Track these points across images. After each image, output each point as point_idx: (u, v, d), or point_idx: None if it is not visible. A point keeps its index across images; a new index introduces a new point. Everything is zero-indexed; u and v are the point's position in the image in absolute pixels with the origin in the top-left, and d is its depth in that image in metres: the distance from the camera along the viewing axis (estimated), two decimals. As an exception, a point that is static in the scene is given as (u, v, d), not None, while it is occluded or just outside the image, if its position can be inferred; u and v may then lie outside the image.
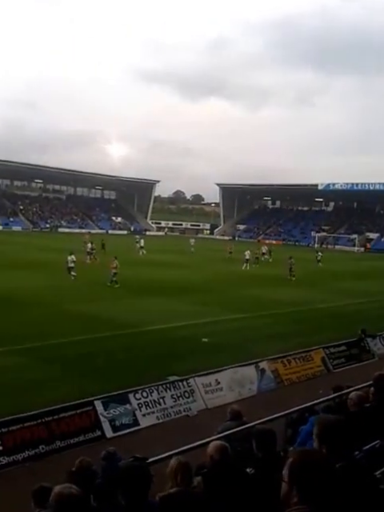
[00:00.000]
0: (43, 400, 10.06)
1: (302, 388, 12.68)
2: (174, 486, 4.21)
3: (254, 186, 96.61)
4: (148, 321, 18.69)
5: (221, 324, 19.16)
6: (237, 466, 4.96)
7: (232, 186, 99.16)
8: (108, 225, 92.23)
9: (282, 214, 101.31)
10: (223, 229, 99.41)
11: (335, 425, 3.17)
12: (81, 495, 3.38)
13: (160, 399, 10.70)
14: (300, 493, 2.32)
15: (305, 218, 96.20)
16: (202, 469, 5.12)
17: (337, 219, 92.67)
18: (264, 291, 27.49)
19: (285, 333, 18.04)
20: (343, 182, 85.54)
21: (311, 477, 2.34)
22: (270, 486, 3.38)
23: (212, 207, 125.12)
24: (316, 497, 2.30)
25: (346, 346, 15.64)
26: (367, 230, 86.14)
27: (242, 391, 12.25)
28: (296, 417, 8.35)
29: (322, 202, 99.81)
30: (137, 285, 27.07)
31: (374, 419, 5.75)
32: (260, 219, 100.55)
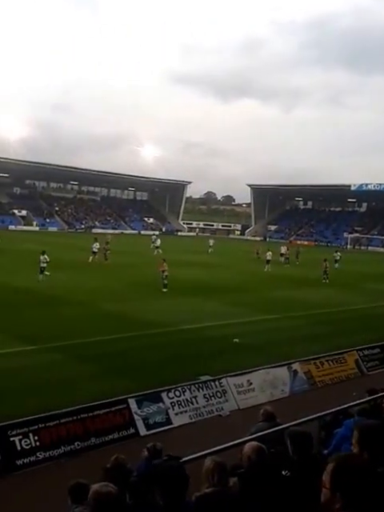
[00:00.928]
0: (79, 397, 10.26)
1: (335, 390, 12.56)
2: (210, 486, 4.22)
3: (286, 186, 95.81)
4: (179, 320, 18.77)
5: (251, 325, 19.12)
6: (272, 468, 4.99)
7: (263, 187, 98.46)
8: (140, 225, 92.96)
9: (313, 214, 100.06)
10: (254, 229, 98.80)
11: (376, 430, 3.13)
12: (118, 493, 3.44)
13: (192, 398, 10.76)
14: (344, 499, 2.31)
15: (337, 219, 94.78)
16: (237, 469, 5.14)
17: (370, 220, 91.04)
18: (294, 292, 27.29)
19: (317, 334, 17.89)
20: (376, 183, 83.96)
21: (355, 482, 2.32)
22: (306, 490, 3.38)
23: (243, 208, 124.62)
24: (360, 503, 2.29)
25: (380, 348, 15.40)
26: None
27: (275, 392, 12.21)
28: (330, 419, 8.26)
29: (355, 203, 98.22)
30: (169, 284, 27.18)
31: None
32: (291, 220, 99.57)
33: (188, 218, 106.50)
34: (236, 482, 4.54)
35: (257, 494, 4.25)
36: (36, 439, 8.57)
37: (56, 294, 22.56)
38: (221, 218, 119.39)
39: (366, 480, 2.34)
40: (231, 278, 31.78)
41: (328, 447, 6.60)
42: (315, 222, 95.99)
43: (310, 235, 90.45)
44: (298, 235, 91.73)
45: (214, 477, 4.27)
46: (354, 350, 14.76)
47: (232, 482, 4.49)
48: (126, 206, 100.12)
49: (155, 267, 27.44)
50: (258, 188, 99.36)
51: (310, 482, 3.22)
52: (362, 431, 3.25)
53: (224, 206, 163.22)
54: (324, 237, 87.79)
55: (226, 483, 4.28)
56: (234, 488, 4.38)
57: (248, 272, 36.36)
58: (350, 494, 2.30)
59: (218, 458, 4.67)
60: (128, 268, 33.68)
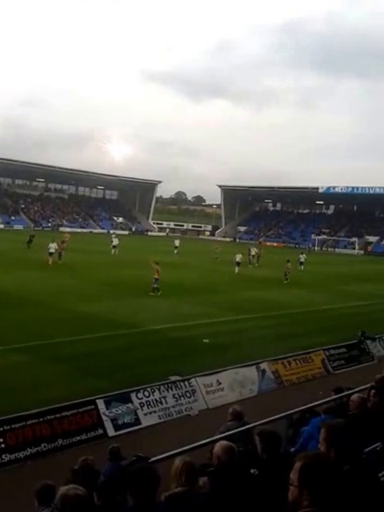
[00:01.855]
0: (46, 398, 10.13)
1: (302, 389, 12.77)
2: (179, 486, 4.23)
3: (256, 188, 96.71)
4: (148, 321, 18.73)
5: (221, 325, 19.21)
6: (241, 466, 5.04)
7: (233, 188, 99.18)
8: (109, 225, 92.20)
9: (282, 216, 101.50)
10: (224, 230, 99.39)
11: (342, 428, 3.20)
12: (86, 496, 3.41)
13: (162, 399, 10.76)
14: (311, 496, 2.36)
15: (305, 221, 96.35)
16: (206, 468, 5.16)
17: (337, 222, 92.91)
18: (263, 293, 27.57)
19: (285, 334, 18.10)
20: (343, 186, 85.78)
21: (322, 480, 2.37)
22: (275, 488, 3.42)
23: (213, 208, 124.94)
24: (327, 499, 2.34)
25: (345, 348, 15.73)
26: (367, 233, 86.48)
27: (243, 392, 12.31)
28: (297, 418, 8.39)
29: (323, 205, 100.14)
30: (136, 285, 27.10)
31: (374, 421, 5.79)
32: (261, 221, 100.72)
33: (158, 218, 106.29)
34: (205, 482, 4.58)
35: (226, 493, 4.27)
36: (1, 441, 8.43)
37: (21, 295, 22.17)
38: (191, 218, 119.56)
39: (332, 477, 2.39)
40: (200, 279, 31.89)
41: (295, 445, 6.70)
42: (284, 224, 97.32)
43: (279, 237, 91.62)
44: (268, 236, 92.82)
45: (182, 476, 4.27)
46: (321, 350, 15.02)
47: (201, 481, 4.52)
48: (94, 205, 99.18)
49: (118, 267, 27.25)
50: (228, 189, 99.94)
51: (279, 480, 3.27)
52: (329, 429, 3.31)
53: (194, 207, 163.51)
54: (292, 238, 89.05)
55: (195, 483, 4.28)
56: (203, 487, 4.41)
57: (217, 272, 36.53)
58: (318, 491, 2.35)
59: (187, 457, 4.68)
60: (91, 268, 33.46)
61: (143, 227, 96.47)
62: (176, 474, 4.33)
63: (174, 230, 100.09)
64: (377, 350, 16.56)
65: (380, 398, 6.86)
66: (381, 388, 7.38)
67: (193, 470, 4.36)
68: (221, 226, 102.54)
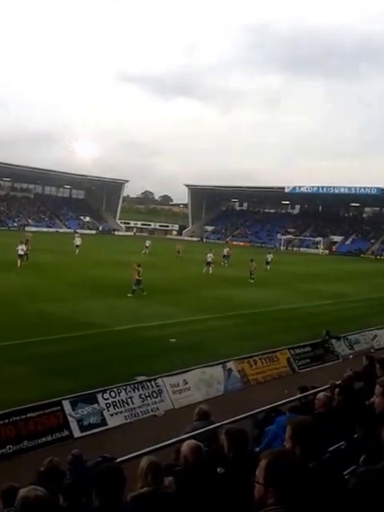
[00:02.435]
0: (10, 400, 9.94)
1: (267, 388, 12.90)
2: (144, 486, 4.23)
3: (222, 187, 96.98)
4: (115, 321, 18.63)
5: (188, 325, 19.24)
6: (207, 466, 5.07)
7: (200, 188, 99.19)
8: (76, 224, 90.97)
9: (249, 216, 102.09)
10: (191, 230, 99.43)
11: (308, 425, 3.24)
12: (47, 497, 3.37)
13: (128, 399, 10.74)
14: (277, 493, 2.38)
15: (271, 221, 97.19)
16: (172, 468, 5.18)
17: (302, 222, 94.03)
18: (230, 292, 27.72)
19: (251, 333, 18.27)
20: (309, 186, 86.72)
21: (287, 477, 2.40)
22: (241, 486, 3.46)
23: (180, 208, 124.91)
24: (292, 497, 2.37)
25: (310, 346, 15.96)
26: (331, 232, 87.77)
27: (210, 391, 12.38)
28: (262, 417, 8.49)
29: (289, 205, 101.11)
30: (102, 285, 26.90)
31: (339, 420, 5.90)
32: (228, 221, 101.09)
33: (125, 217, 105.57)
34: (171, 481, 4.59)
35: (192, 493, 4.29)
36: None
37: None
38: (158, 217, 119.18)
39: (297, 475, 2.43)
40: (168, 279, 31.86)
41: (260, 445, 6.76)
42: (250, 223, 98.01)
43: (246, 236, 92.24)
44: (234, 236, 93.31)
45: (148, 476, 4.28)
46: (286, 349, 15.20)
47: (167, 481, 4.53)
48: (61, 204, 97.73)
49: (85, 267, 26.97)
50: (195, 188, 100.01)
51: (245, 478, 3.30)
52: (295, 427, 3.33)
53: (162, 206, 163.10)
54: (259, 238, 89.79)
55: (160, 482, 4.29)
56: (169, 487, 4.41)
57: (184, 272, 36.59)
58: (283, 488, 2.38)
59: (153, 457, 4.68)
60: (57, 268, 33.07)
61: (110, 227, 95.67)
62: (142, 474, 4.33)
63: (141, 229, 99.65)
64: (341, 349, 16.84)
65: (344, 397, 7.02)
66: (346, 387, 7.56)
67: (158, 469, 4.37)
68: (188, 225, 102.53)
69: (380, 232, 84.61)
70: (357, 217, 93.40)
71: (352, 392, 7.47)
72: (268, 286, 31.92)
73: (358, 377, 8.63)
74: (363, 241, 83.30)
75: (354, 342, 17.46)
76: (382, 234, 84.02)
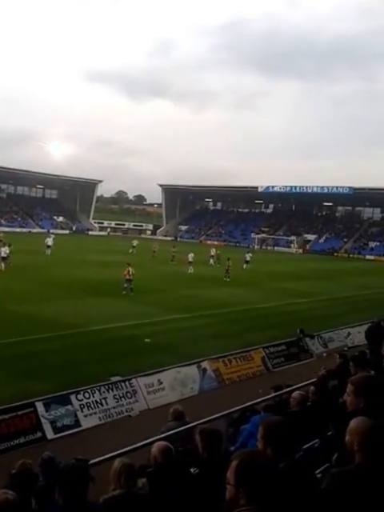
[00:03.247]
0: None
1: (242, 387, 12.94)
2: (117, 488, 4.20)
3: (196, 187, 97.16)
4: (90, 321, 18.48)
5: (163, 324, 19.21)
6: (180, 466, 5.04)
7: (174, 187, 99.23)
8: (49, 224, 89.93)
9: (223, 215, 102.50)
10: (166, 229, 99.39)
11: (280, 426, 3.23)
12: (16, 500, 3.31)
13: (102, 400, 10.65)
14: (247, 494, 2.37)
15: (245, 220, 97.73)
16: (145, 469, 5.14)
17: (276, 221, 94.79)
18: (205, 291, 27.80)
19: (226, 332, 18.31)
20: (282, 185, 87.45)
21: (258, 478, 2.39)
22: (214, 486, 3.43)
23: (154, 208, 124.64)
24: (263, 497, 2.36)
25: (285, 345, 16.05)
26: (305, 231, 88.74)
27: (184, 391, 12.35)
28: (237, 416, 8.49)
29: (262, 204, 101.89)
30: (78, 285, 26.64)
31: (313, 418, 5.93)
32: (202, 220, 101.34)
33: (99, 217, 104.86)
34: (145, 483, 4.55)
35: (165, 493, 4.28)
36: None
37: None
38: (132, 217, 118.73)
39: (268, 475, 2.41)
40: (143, 278, 31.68)
41: (235, 444, 6.75)
42: (224, 223, 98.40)
43: (220, 235, 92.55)
44: (208, 235, 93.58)
45: (121, 478, 4.24)
46: (261, 348, 15.26)
47: (141, 482, 4.50)
48: (34, 204, 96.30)
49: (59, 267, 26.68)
50: (169, 188, 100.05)
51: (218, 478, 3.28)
52: (266, 427, 3.32)
53: (135, 206, 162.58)
54: (233, 237, 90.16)
55: (133, 484, 4.26)
56: (142, 489, 4.39)
57: (160, 272, 36.48)
58: (254, 489, 2.36)
59: (126, 459, 4.64)
60: (30, 268, 32.54)
61: (84, 226, 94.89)
62: (114, 476, 4.29)
63: (115, 229, 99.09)
64: (315, 348, 16.99)
65: (318, 396, 7.06)
66: (320, 386, 7.61)
67: (131, 471, 4.33)
68: (162, 225, 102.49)
69: (352, 231, 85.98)
70: (330, 216, 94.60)
71: (326, 390, 7.54)
72: (243, 284, 32.04)
73: (332, 375, 8.72)
74: (336, 239, 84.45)
75: (327, 340, 17.66)
76: (354, 232, 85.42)
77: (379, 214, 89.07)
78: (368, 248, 79.19)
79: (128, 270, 25.88)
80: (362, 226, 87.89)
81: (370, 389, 3.70)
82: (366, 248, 79.46)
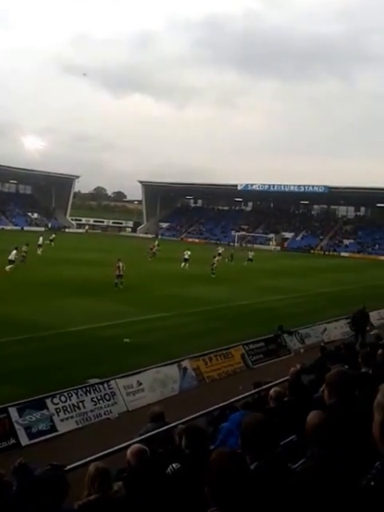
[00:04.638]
0: None
1: (222, 385, 12.92)
2: (92, 493, 4.16)
3: (177, 184, 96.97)
4: (69, 322, 18.23)
5: (143, 324, 19.07)
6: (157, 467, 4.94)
7: (154, 184, 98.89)
8: (23, 221, 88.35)
9: (203, 212, 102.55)
10: (146, 227, 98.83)
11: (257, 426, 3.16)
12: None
13: (79, 403, 10.45)
14: (212, 495, 2.37)
15: (225, 217, 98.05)
16: (122, 473, 5.05)
17: (255, 219, 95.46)
18: (186, 290, 27.72)
19: (206, 330, 18.32)
20: (260, 184, 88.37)
21: (222, 482, 2.36)
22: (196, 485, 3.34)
23: (135, 204, 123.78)
24: (227, 501, 2.33)
25: (264, 342, 16.14)
26: (283, 229, 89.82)
27: (164, 391, 12.24)
28: (217, 414, 8.44)
29: (242, 202, 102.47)
30: (58, 284, 26.31)
31: (290, 414, 5.90)
32: (182, 218, 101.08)
33: (77, 214, 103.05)
34: (121, 487, 4.47)
35: (141, 496, 4.23)
36: None
37: None
38: (112, 214, 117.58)
39: (232, 479, 2.37)
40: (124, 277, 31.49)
41: (215, 442, 6.68)
42: (205, 220, 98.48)
43: (201, 233, 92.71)
44: (189, 233, 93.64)
45: (95, 483, 4.21)
46: (240, 345, 15.29)
47: (117, 486, 4.45)
48: (7, 200, 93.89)
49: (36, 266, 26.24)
50: (150, 185, 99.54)
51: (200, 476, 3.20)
52: (244, 429, 3.25)
53: (115, 203, 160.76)
54: (213, 234, 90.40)
55: (108, 489, 4.22)
56: (119, 492, 4.34)
57: (141, 270, 36.14)
58: (218, 492, 2.36)
59: (101, 463, 4.61)
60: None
61: (60, 223, 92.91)
62: (89, 481, 4.27)
63: (93, 226, 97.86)
64: (293, 344, 17.14)
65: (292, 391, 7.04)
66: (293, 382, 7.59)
67: (106, 475, 4.30)
68: (142, 222, 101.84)
69: (328, 229, 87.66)
70: (306, 214, 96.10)
71: (300, 386, 7.54)
72: (223, 282, 32.11)
73: (307, 370, 8.73)
74: (313, 237, 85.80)
75: (304, 336, 17.85)
76: (329, 230, 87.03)
77: (353, 212, 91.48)
78: (343, 245, 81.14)
79: (118, 266, 26.21)
80: (337, 223, 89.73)
81: (343, 384, 3.75)
82: (340, 245, 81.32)
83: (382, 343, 8.33)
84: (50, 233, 55.03)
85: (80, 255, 41.92)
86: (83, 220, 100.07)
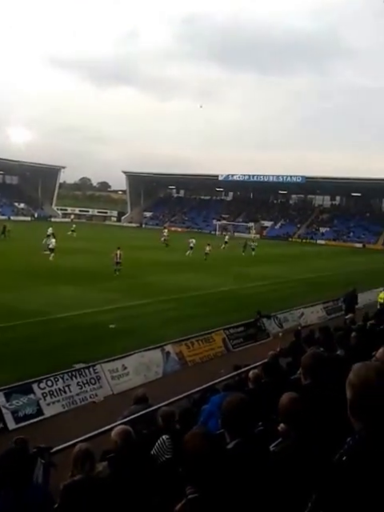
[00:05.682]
0: None
1: (204, 368, 13.17)
2: (77, 474, 4.29)
3: (160, 174, 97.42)
4: (55, 309, 18.32)
5: (128, 310, 19.26)
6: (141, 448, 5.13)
7: (138, 175, 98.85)
8: (10, 211, 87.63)
9: (185, 202, 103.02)
10: (130, 216, 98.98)
11: (238, 405, 3.13)
12: None
13: (65, 387, 10.63)
14: (188, 476, 2.43)
15: (207, 207, 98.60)
16: (107, 454, 5.25)
17: (235, 208, 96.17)
18: (169, 277, 27.90)
19: (189, 316, 18.57)
20: (241, 174, 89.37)
21: (195, 461, 2.43)
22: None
23: (119, 194, 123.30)
24: (202, 480, 2.38)
25: (244, 326, 16.50)
26: (262, 218, 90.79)
27: (149, 375, 12.50)
28: (198, 396, 8.70)
29: (223, 192, 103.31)
30: (43, 272, 26.34)
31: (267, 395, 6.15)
32: (165, 207, 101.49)
33: (62, 203, 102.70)
34: (106, 467, 4.64)
35: (125, 476, 4.34)
36: None
37: None
38: (97, 204, 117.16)
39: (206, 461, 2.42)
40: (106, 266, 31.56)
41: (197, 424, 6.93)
42: (187, 210, 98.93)
43: (183, 222, 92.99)
44: (172, 222, 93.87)
45: (78, 464, 4.35)
46: (221, 330, 15.61)
47: (102, 466, 4.61)
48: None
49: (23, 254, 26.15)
50: (133, 175, 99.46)
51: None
52: (224, 409, 3.20)
53: (100, 193, 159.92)
54: (195, 224, 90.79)
55: (92, 469, 4.35)
56: (103, 472, 4.47)
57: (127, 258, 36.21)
58: (193, 474, 2.42)
59: (85, 444, 4.75)
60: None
61: (46, 213, 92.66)
62: (74, 462, 4.39)
63: (78, 216, 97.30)
64: (272, 328, 17.54)
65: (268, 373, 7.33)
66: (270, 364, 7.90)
67: (89, 456, 4.43)
68: (127, 211, 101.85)
69: (305, 217, 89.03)
70: (284, 203, 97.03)
71: (277, 368, 7.84)
72: (206, 269, 32.50)
73: (284, 353, 9.05)
74: (290, 225, 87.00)
75: (283, 321, 18.28)
76: (307, 219, 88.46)
77: (329, 201, 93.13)
78: (319, 233, 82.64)
79: (116, 254, 28.01)
80: (314, 212, 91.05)
81: (317, 365, 3.88)
82: (317, 233, 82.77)
83: (355, 327, 8.65)
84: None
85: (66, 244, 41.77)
86: (69, 210, 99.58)
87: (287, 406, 3.36)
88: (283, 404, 3.39)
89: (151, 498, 4.14)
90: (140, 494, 4.14)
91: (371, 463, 1.80)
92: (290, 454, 3.04)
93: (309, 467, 2.67)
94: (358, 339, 7.70)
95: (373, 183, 77.23)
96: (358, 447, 1.88)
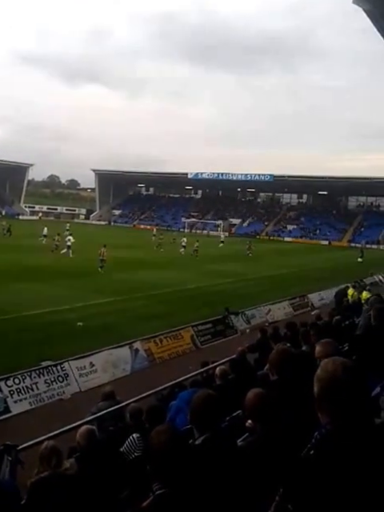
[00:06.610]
0: None
1: (173, 365, 13.24)
2: (44, 471, 4.33)
3: (129, 172, 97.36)
4: (21, 307, 18.06)
5: (95, 307, 19.19)
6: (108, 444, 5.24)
7: (107, 173, 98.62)
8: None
9: (155, 200, 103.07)
10: (99, 214, 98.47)
11: (206, 400, 3.18)
12: None
13: (33, 385, 10.56)
14: (154, 472, 2.42)
15: (176, 205, 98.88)
16: (74, 452, 5.29)
17: (204, 206, 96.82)
18: (138, 275, 27.84)
19: (157, 313, 18.56)
20: (210, 172, 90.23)
21: (160, 457, 2.42)
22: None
23: (88, 192, 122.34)
24: (168, 476, 2.38)
25: (212, 323, 16.63)
26: (230, 216, 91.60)
27: (116, 372, 12.49)
28: (166, 393, 8.78)
29: (192, 190, 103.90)
30: (7, 270, 25.84)
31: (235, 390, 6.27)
32: (135, 205, 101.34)
33: (30, 201, 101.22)
34: (73, 464, 4.70)
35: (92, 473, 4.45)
36: None
37: None
38: (65, 202, 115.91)
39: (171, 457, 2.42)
40: (75, 263, 31.30)
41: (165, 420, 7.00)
42: (156, 208, 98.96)
43: (152, 220, 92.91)
44: (141, 220, 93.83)
45: (46, 461, 4.40)
46: (190, 327, 15.70)
47: (69, 463, 4.64)
48: None
49: None
50: (102, 173, 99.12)
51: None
52: (192, 406, 3.23)
53: (68, 190, 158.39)
54: (164, 221, 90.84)
55: (58, 466, 4.39)
56: (70, 469, 4.51)
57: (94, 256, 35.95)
58: (159, 470, 2.41)
59: (51, 442, 4.78)
60: None
61: (14, 211, 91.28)
62: (41, 460, 4.44)
63: (47, 213, 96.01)
64: (240, 324, 17.76)
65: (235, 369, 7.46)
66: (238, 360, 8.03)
67: (56, 453, 4.47)
68: (95, 209, 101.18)
69: (273, 215, 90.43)
70: (252, 201, 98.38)
71: (244, 364, 7.98)
72: (173, 266, 32.73)
73: (251, 349, 9.21)
74: (258, 223, 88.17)
75: (250, 317, 18.48)
76: (274, 216, 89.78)
77: (296, 199, 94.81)
78: (286, 231, 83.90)
79: (102, 251, 29.03)
80: (281, 210, 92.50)
81: (283, 361, 3.98)
82: (284, 231, 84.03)
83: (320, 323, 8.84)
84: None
85: (34, 242, 41.23)
86: (36, 207, 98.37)
87: (253, 401, 3.43)
88: (249, 400, 3.46)
89: (119, 494, 4.24)
90: (107, 489, 4.21)
91: (338, 457, 1.85)
92: (257, 449, 3.11)
93: (275, 462, 2.71)
94: (317, 336, 7.85)
95: (339, 181, 78.94)
96: (326, 441, 1.93)
